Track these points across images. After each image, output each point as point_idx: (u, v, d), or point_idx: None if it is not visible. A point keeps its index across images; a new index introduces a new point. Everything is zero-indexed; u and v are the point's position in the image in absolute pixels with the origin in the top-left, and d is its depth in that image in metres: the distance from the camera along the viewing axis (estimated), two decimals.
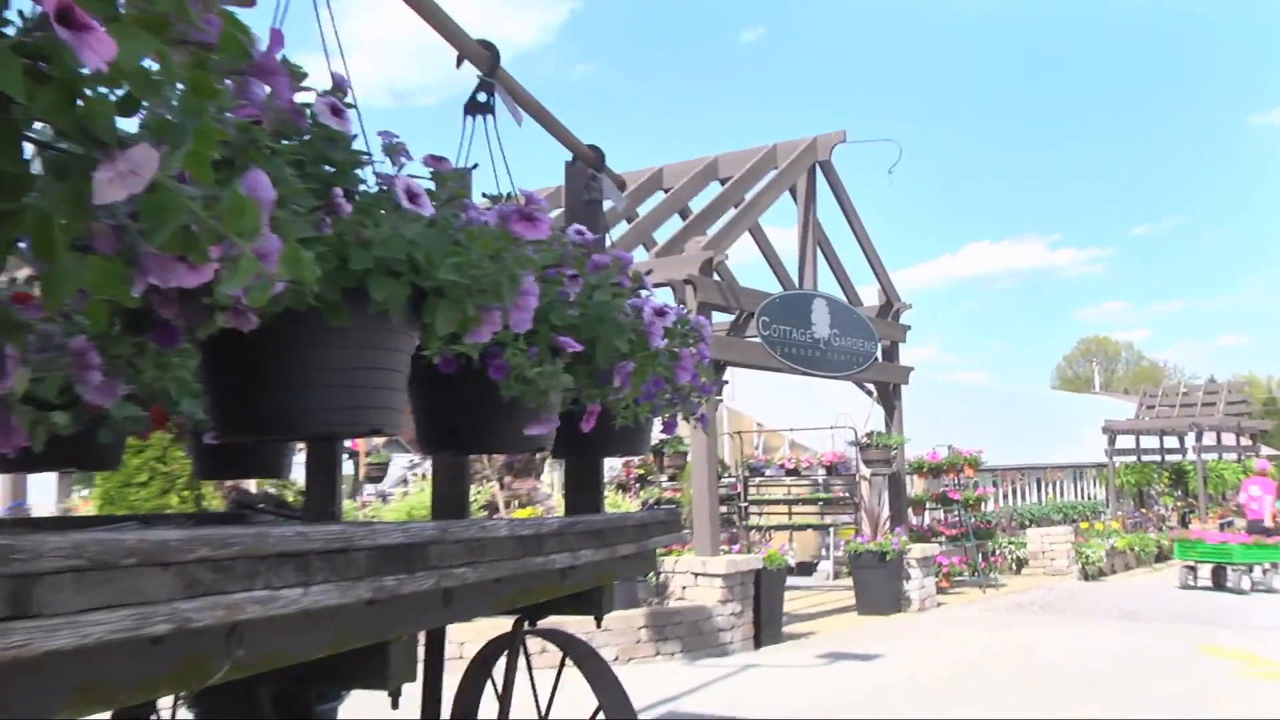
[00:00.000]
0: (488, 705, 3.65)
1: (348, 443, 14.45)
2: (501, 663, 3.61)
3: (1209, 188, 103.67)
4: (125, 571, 1.29)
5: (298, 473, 3.09)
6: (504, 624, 3.48)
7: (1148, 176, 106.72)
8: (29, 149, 1.18)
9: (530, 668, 3.60)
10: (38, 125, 1.17)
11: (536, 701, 3.60)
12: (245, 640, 1.56)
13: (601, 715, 3.26)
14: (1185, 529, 24.18)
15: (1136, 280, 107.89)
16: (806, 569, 19.59)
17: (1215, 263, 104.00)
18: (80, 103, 1.15)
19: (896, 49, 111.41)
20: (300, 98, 1.80)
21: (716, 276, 13.01)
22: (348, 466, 15.84)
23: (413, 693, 2.54)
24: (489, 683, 3.74)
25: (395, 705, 2.29)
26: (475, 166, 2.90)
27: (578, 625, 7.05)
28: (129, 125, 1.22)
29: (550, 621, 3.48)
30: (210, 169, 1.26)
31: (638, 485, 17.15)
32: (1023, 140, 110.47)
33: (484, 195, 2.74)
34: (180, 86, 1.25)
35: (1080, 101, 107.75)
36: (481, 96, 3.24)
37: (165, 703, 3.66)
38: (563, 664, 3.47)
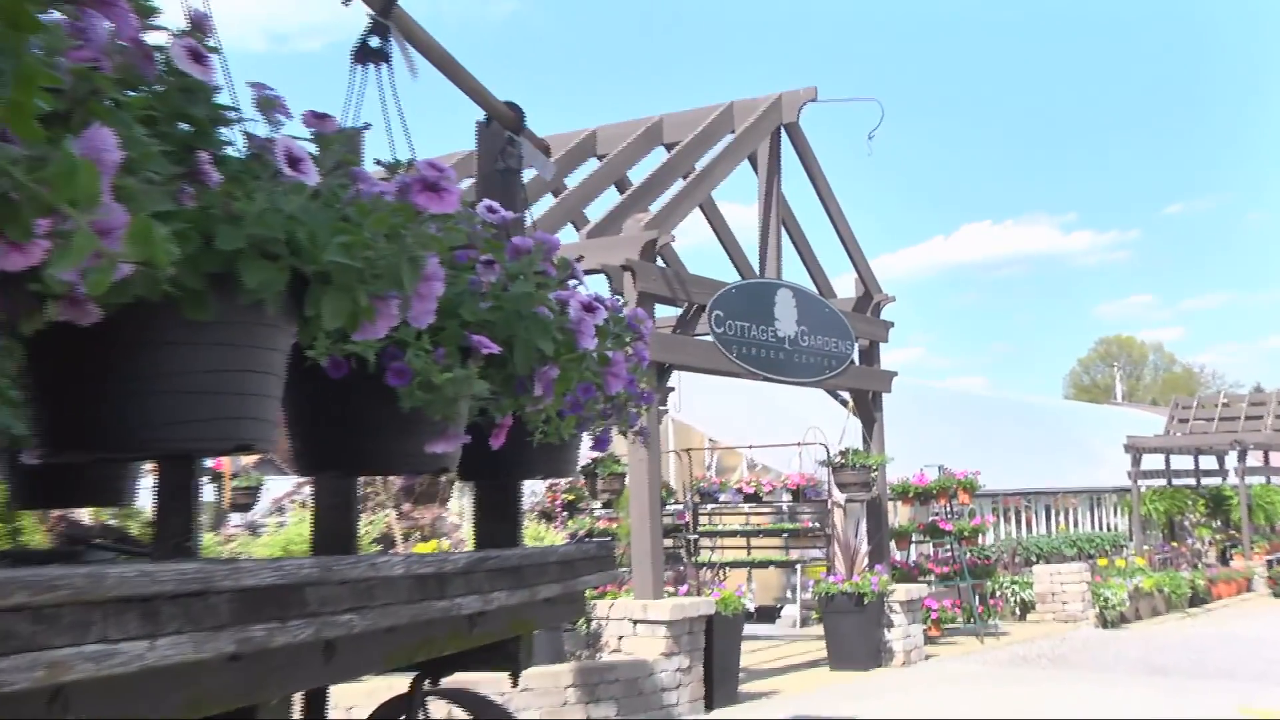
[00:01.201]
0: None
1: (209, 463, 14.31)
2: None
3: (1254, 159, 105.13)
4: None
5: (145, 500, 3.05)
6: (400, 683, 3.46)
7: (1181, 146, 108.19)
8: None
9: None
10: None
11: None
12: (73, 706, 1.54)
13: None
14: (1226, 566, 24.60)
15: (1167, 269, 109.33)
16: (768, 615, 19.67)
17: (1262, 248, 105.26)
18: None
19: None
20: (151, 38, 1.78)
21: (660, 262, 13.03)
22: (209, 492, 15.68)
23: None
24: None
25: None
26: (367, 127, 2.89)
27: (490, 684, 7.02)
28: None
29: (457, 680, 3.47)
30: (35, 122, 1.24)
31: (565, 514, 17.15)
32: (1030, 101, 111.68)
33: (377, 162, 2.73)
34: None
35: (1099, 55, 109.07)
36: (374, 41, 3.23)
37: None
38: None
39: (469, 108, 3.91)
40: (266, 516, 18.17)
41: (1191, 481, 27.52)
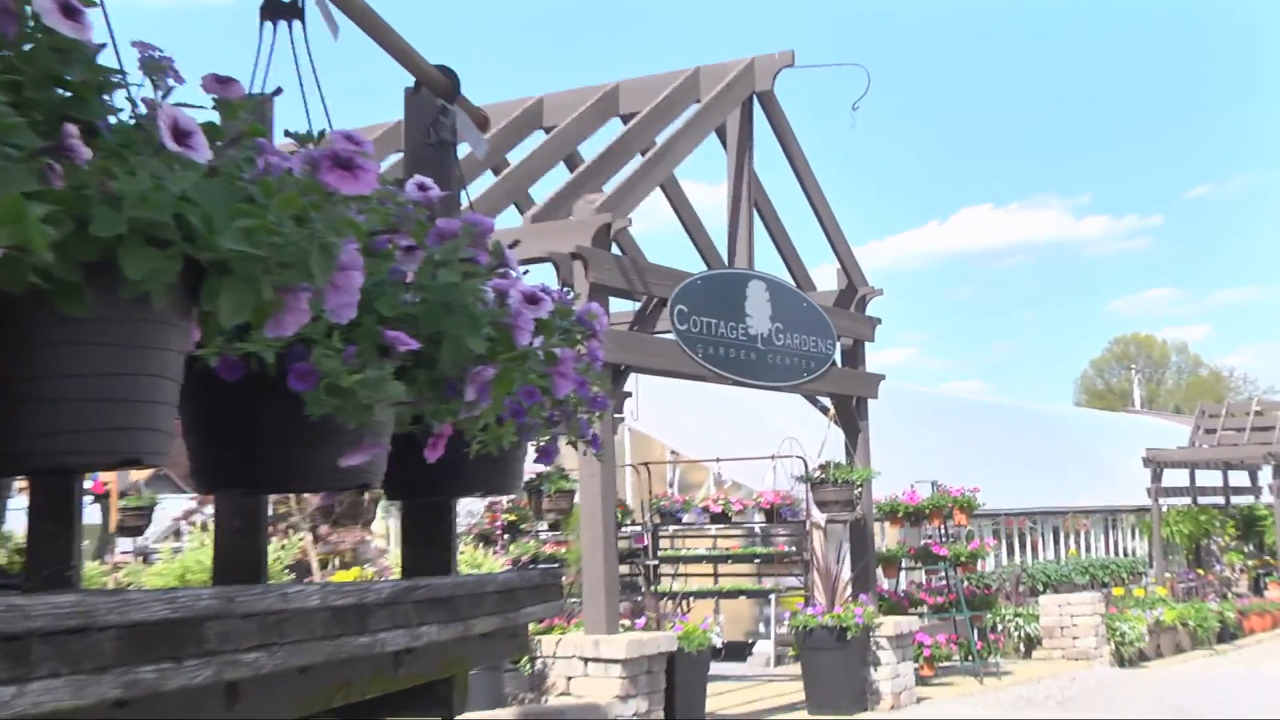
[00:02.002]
0: None
1: (90, 480, 14.21)
2: None
3: None
4: None
5: (15, 522, 3.03)
6: None
7: (1207, 122, 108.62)
8: None
9: None
10: None
11: None
12: None
13: None
14: (1259, 596, 24.70)
15: (1192, 259, 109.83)
16: (738, 652, 19.71)
17: None
18: None
19: None
20: None
21: (616, 249, 13.03)
22: (92, 513, 15.58)
23: None
24: None
25: None
26: (278, 93, 2.88)
27: None
28: None
29: None
30: None
31: (506, 537, 17.15)
32: (1039, 72, 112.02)
33: (288, 134, 2.72)
34: None
35: (1115, 22, 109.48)
36: None
37: None
38: None
39: (397, 72, 3.91)
40: (161, 541, 18.08)
41: (1220, 500, 27.68)
